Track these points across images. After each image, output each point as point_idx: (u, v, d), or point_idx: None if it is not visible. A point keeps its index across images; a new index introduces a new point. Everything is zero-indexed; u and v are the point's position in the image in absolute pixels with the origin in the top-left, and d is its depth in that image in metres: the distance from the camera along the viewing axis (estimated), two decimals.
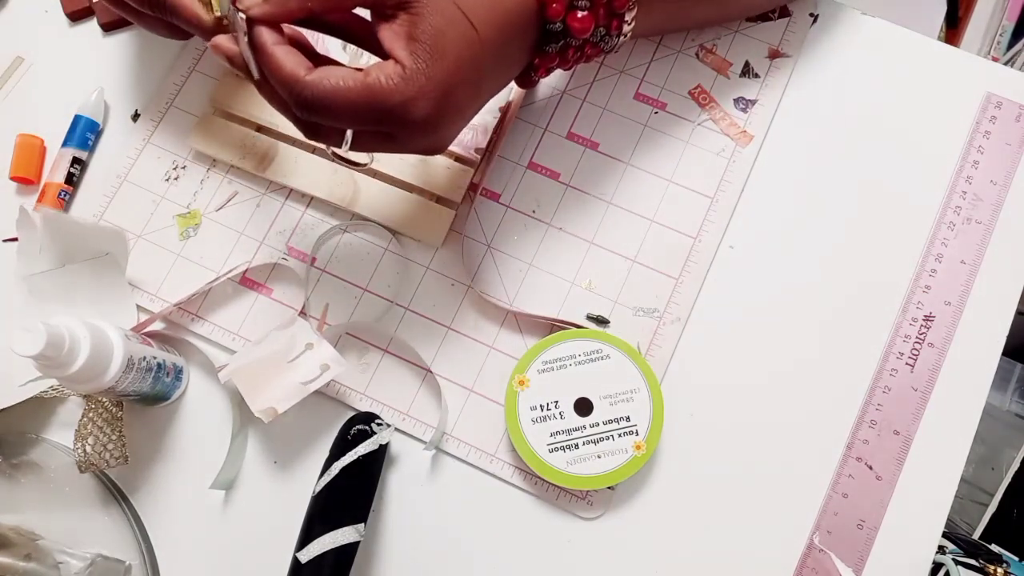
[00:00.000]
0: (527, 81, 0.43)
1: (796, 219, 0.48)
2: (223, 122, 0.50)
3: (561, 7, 0.38)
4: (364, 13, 0.38)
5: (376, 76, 0.34)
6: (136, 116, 0.51)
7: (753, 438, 0.45)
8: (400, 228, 0.48)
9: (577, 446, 0.43)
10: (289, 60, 0.35)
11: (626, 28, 0.42)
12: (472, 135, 0.48)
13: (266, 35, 0.35)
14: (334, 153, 0.40)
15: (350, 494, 0.41)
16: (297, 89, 0.34)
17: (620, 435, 0.43)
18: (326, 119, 0.35)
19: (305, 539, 0.39)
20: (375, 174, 0.48)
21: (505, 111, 0.49)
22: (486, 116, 0.49)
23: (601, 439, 0.43)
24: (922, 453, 0.44)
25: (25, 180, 0.50)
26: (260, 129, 0.50)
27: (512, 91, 0.49)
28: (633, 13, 0.41)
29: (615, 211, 0.48)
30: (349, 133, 0.36)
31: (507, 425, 0.44)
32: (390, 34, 0.35)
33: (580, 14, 0.39)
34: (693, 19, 0.49)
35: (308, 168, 0.48)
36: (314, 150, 0.49)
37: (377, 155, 0.48)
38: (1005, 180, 0.48)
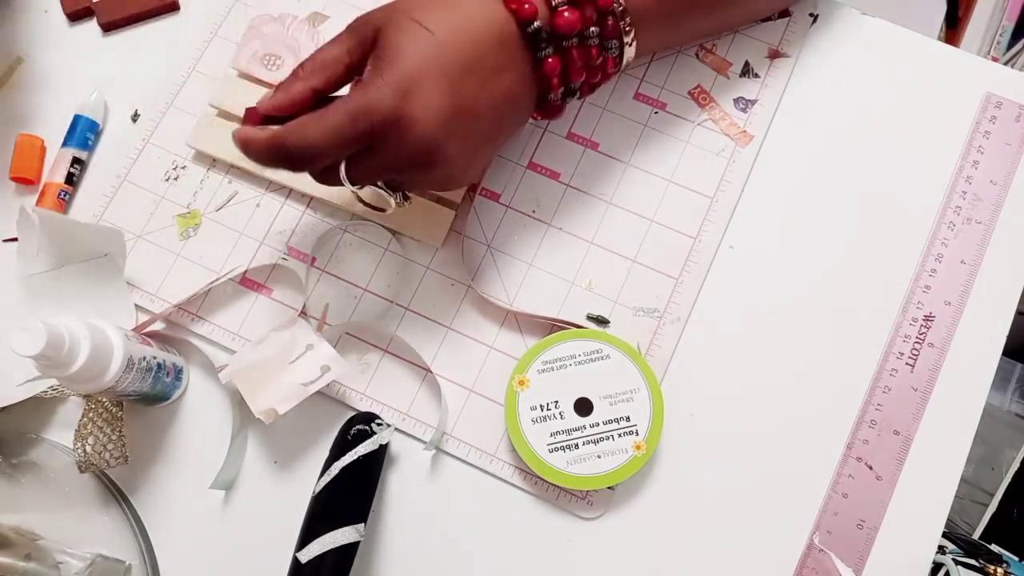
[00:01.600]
0: (549, 109, 0.43)
1: (796, 219, 0.48)
2: (223, 122, 0.50)
3: (533, 7, 0.38)
4: None
5: (334, 103, 0.37)
6: (136, 116, 0.51)
7: (753, 438, 0.45)
8: (400, 228, 0.48)
9: (577, 446, 0.43)
10: (258, 134, 0.38)
11: (627, 39, 0.41)
12: None
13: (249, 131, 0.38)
14: (360, 200, 0.42)
15: (350, 494, 0.41)
16: (276, 145, 0.37)
17: (620, 435, 0.43)
18: (314, 161, 0.37)
19: (305, 539, 0.39)
20: None
21: None
22: None
23: (601, 439, 0.43)
24: (922, 453, 0.44)
25: (25, 180, 0.50)
26: None
27: None
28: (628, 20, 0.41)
29: (615, 211, 0.48)
30: (342, 168, 0.38)
31: (507, 425, 0.44)
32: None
33: (566, 13, 0.39)
34: (696, 32, 0.49)
35: None
36: None
37: None
38: (1005, 180, 0.48)
